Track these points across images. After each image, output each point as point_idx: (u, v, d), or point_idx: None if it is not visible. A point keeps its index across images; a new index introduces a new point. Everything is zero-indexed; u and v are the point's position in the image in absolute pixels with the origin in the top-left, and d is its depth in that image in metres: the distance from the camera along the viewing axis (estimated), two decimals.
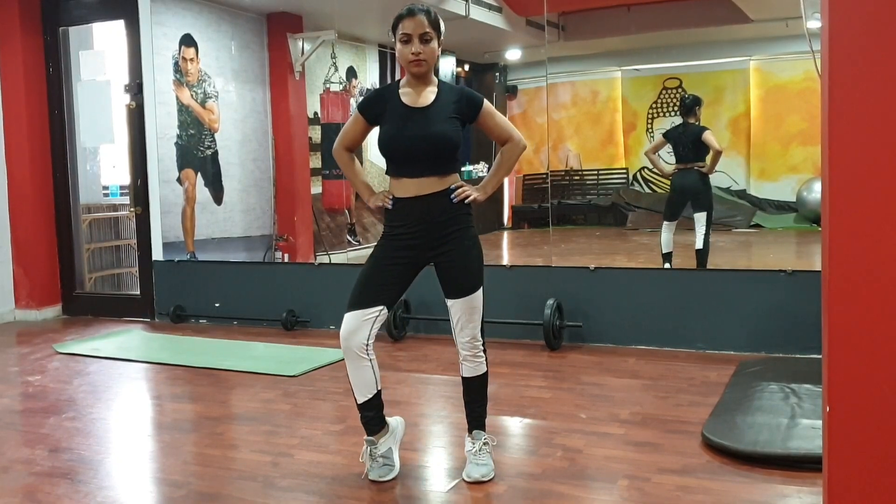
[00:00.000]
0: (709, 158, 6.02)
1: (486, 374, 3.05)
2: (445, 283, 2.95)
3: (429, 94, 2.90)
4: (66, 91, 6.79)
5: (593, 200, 9.38)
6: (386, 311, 2.91)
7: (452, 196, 2.88)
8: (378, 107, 2.94)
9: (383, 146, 2.91)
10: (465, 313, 2.94)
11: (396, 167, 2.92)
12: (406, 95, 2.91)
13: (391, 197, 2.93)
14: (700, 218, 6.01)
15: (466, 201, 2.90)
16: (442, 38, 2.89)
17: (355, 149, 3.08)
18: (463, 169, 8.12)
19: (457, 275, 2.92)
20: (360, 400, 2.97)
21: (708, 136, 5.99)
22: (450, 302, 2.95)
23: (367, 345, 2.89)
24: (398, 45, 2.86)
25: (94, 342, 5.75)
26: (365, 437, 3.02)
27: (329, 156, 7.97)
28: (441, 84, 2.94)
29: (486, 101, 2.96)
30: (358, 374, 2.92)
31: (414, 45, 2.81)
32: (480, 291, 2.95)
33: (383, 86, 3.04)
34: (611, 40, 8.71)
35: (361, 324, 2.87)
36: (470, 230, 2.94)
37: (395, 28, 2.86)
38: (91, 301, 6.92)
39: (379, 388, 2.98)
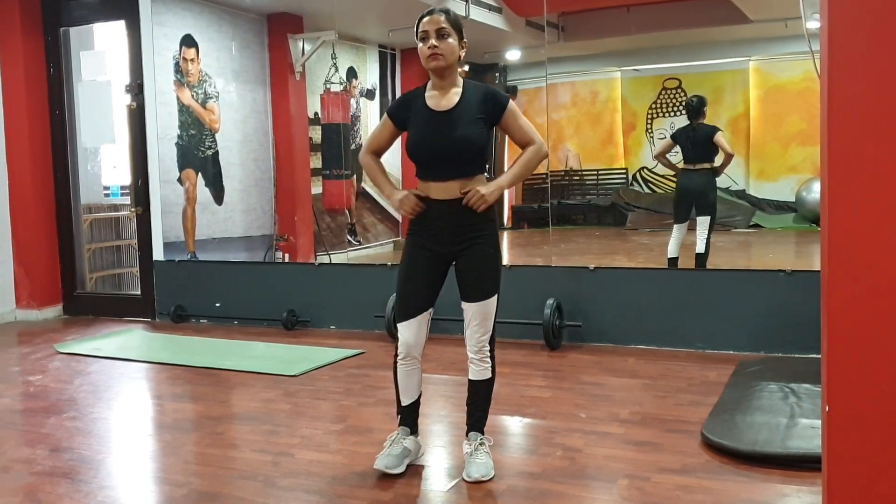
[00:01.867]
0: (718, 159, 5.98)
1: (491, 381, 3.07)
2: (462, 285, 3.00)
3: (453, 96, 2.93)
4: (66, 91, 6.80)
5: (593, 200, 9.38)
6: (432, 310, 3.03)
7: (463, 203, 2.89)
8: (406, 111, 2.99)
9: (410, 151, 2.96)
10: (476, 318, 2.98)
11: (423, 171, 2.97)
12: (431, 98, 2.94)
13: (421, 196, 2.95)
14: (703, 222, 5.96)
15: (479, 209, 2.89)
16: (464, 39, 2.92)
17: (382, 154, 3.11)
18: None
19: (474, 279, 2.96)
20: (407, 402, 3.10)
21: (720, 139, 5.91)
22: (464, 305, 2.99)
23: (423, 348, 3.05)
24: (419, 45, 2.90)
25: (95, 342, 5.76)
26: (400, 425, 3.12)
27: (329, 156, 7.98)
28: (466, 84, 2.96)
29: (511, 102, 2.98)
30: (410, 378, 3.07)
31: (431, 42, 2.85)
32: (495, 298, 2.99)
33: (411, 90, 3.08)
34: (610, 41, 8.71)
35: (419, 329, 3.00)
36: (493, 238, 2.99)
37: (416, 31, 2.91)
38: (92, 301, 6.93)
39: (420, 391, 3.13)
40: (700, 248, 5.94)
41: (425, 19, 2.87)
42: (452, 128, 2.88)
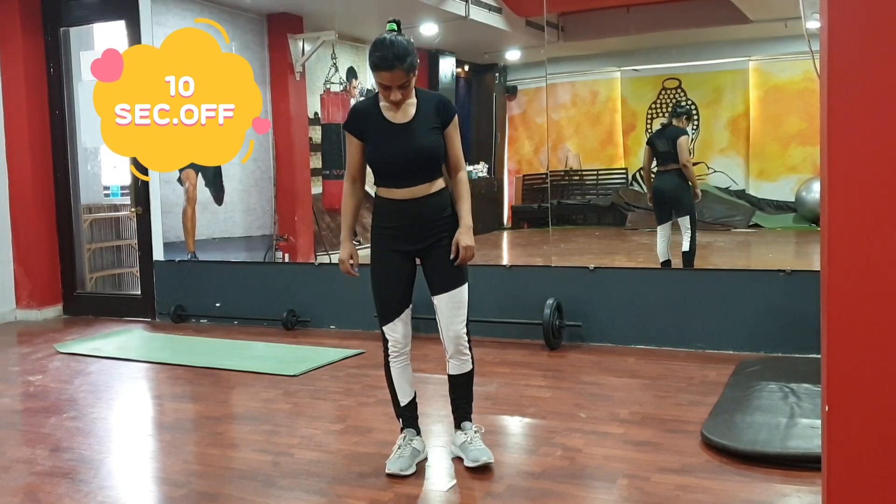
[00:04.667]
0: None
1: (471, 372, 3.15)
2: (431, 279, 3.06)
3: (409, 108, 2.99)
4: (66, 91, 6.80)
5: (593, 200, 9.37)
6: (411, 306, 3.10)
7: (457, 264, 2.99)
8: (360, 122, 3.02)
9: (372, 162, 3.02)
10: (449, 308, 3.03)
11: (385, 180, 3.02)
12: (388, 110, 2.99)
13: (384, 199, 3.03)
14: (683, 222, 6.01)
15: (472, 258, 3.00)
16: (416, 68, 2.90)
17: (363, 176, 3.12)
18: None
19: (440, 270, 3.03)
20: (405, 401, 3.14)
21: (681, 143, 5.98)
22: (435, 299, 3.06)
23: (410, 343, 3.12)
24: (378, 85, 2.91)
25: (95, 342, 5.76)
26: (405, 428, 3.15)
27: (329, 156, 7.98)
28: (419, 94, 3.02)
29: (456, 116, 3.05)
30: (404, 375, 3.12)
31: (393, 94, 2.89)
32: (465, 287, 3.05)
33: (361, 101, 3.14)
34: (610, 41, 8.70)
35: (404, 326, 3.07)
36: (455, 230, 3.03)
37: (372, 69, 2.88)
38: (92, 301, 6.93)
39: (415, 389, 3.17)
40: (685, 246, 5.99)
41: (385, 74, 2.83)
42: (412, 139, 2.95)
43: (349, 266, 3.12)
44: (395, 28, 2.92)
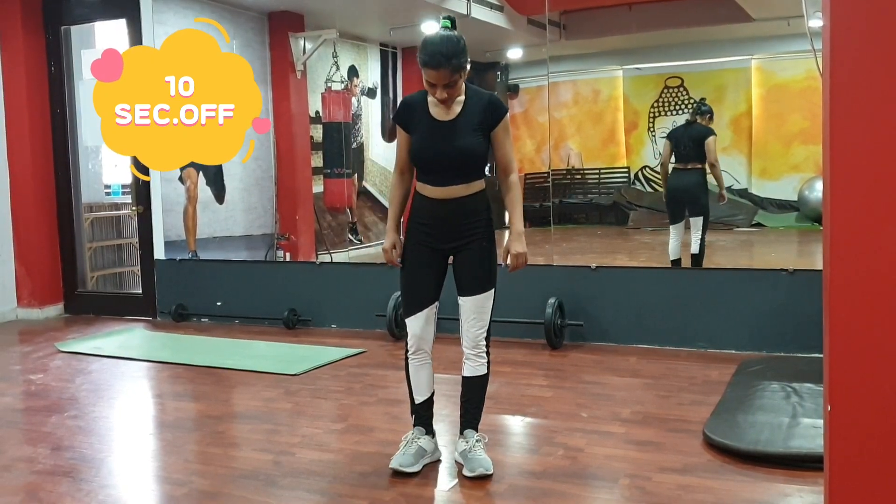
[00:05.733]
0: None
1: (485, 377, 3.11)
2: (459, 279, 3.04)
3: (455, 106, 2.97)
4: (67, 90, 6.80)
5: (595, 199, 9.36)
6: (438, 304, 3.06)
7: (509, 271, 3.02)
8: (408, 115, 3.02)
9: (413, 157, 3.02)
10: (472, 312, 3.01)
11: (425, 175, 3.02)
12: (434, 106, 2.97)
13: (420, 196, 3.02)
14: (696, 222, 5.93)
15: (522, 267, 3.03)
16: (465, 68, 2.87)
17: (412, 168, 3.10)
18: None
19: (470, 273, 3.01)
20: (420, 399, 3.12)
21: (710, 143, 5.89)
22: (461, 299, 3.04)
23: (432, 342, 3.08)
24: (425, 83, 2.89)
25: (96, 341, 5.76)
26: (415, 426, 3.13)
27: (331, 155, 7.99)
28: (469, 91, 2.99)
29: (507, 116, 3.02)
30: (422, 373, 3.09)
31: (439, 93, 2.87)
32: (491, 293, 3.03)
33: (412, 94, 3.10)
34: (612, 39, 8.69)
35: (427, 322, 3.04)
36: (490, 234, 3.04)
37: (420, 66, 2.86)
38: (93, 300, 6.93)
39: (434, 388, 3.13)
40: (694, 248, 5.91)
41: (432, 72, 2.81)
42: (454, 138, 2.93)
43: (393, 255, 3.09)
44: (449, 25, 2.89)
